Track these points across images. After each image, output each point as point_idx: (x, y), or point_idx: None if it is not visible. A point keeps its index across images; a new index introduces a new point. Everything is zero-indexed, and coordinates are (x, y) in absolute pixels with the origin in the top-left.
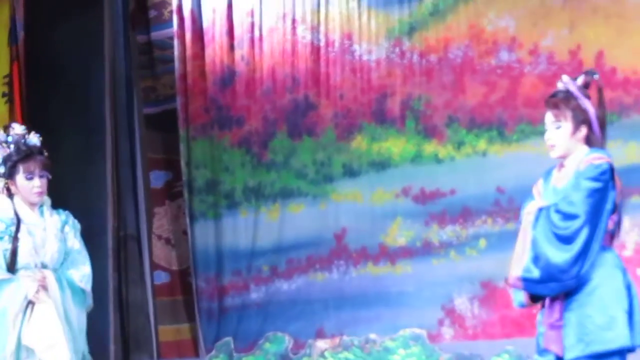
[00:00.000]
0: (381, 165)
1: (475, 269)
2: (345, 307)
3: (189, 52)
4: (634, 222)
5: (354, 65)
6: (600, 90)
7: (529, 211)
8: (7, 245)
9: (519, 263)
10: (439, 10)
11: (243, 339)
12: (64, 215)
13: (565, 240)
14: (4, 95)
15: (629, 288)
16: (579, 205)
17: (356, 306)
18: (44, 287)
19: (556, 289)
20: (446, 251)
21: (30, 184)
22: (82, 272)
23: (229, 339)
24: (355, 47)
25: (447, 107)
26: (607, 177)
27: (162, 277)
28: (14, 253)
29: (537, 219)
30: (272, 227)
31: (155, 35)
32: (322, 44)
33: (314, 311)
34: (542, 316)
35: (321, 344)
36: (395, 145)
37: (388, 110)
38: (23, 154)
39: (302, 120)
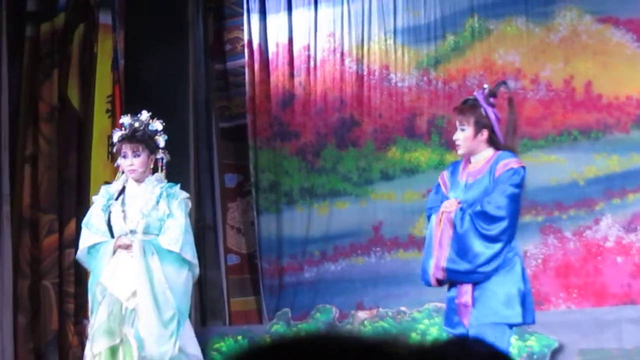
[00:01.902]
0: (411, 171)
1: None
2: (380, 285)
3: (257, 78)
4: (616, 219)
5: (390, 91)
6: (510, 100)
7: (447, 209)
8: (107, 215)
9: (439, 254)
10: (459, 47)
11: (298, 310)
12: (164, 187)
13: (492, 239)
14: (107, 111)
15: (523, 272)
16: (505, 209)
17: (389, 284)
18: (129, 247)
19: (478, 278)
20: None
21: (124, 162)
22: (170, 236)
23: (287, 309)
24: (392, 76)
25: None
26: (523, 182)
27: (233, 259)
28: (108, 221)
29: (462, 218)
30: (322, 220)
31: (230, 64)
32: (365, 73)
33: (355, 288)
34: (455, 294)
35: (361, 314)
36: (422, 155)
37: (417, 127)
38: (123, 136)
39: (347, 134)
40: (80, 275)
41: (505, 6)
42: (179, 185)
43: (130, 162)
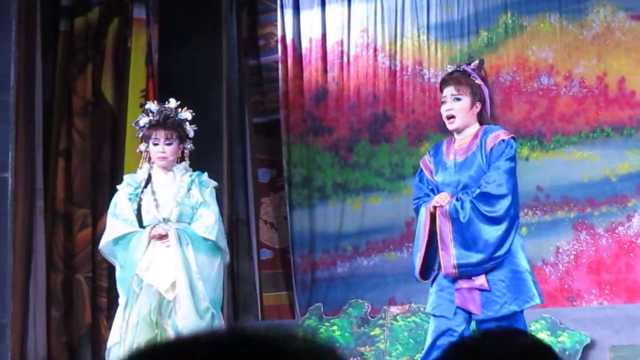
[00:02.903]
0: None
1: None
2: (412, 280)
3: (290, 74)
4: None
5: (423, 87)
6: (485, 78)
7: (439, 203)
8: (135, 205)
9: (444, 253)
10: (492, 43)
11: (330, 305)
12: (194, 175)
13: (498, 220)
14: (141, 105)
15: (523, 249)
16: (505, 185)
17: None
18: (165, 236)
19: (494, 265)
20: None
21: (155, 149)
22: (205, 224)
23: (319, 304)
24: (425, 71)
25: (497, 121)
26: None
27: (266, 254)
28: (139, 210)
29: (462, 207)
30: (355, 215)
31: (264, 59)
32: (398, 68)
33: (388, 283)
34: (438, 283)
35: (393, 309)
36: None
37: None
38: (154, 122)
39: (380, 129)
40: (113, 270)
41: (539, 3)
42: (206, 174)
43: (162, 149)
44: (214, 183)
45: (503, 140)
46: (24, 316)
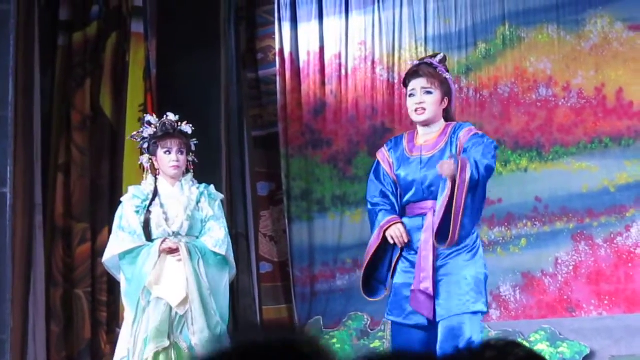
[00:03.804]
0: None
1: (518, 263)
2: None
3: (288, 87)
4: None
5: None
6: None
7: (394, 239)
8: (142, 217)
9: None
10: (490, 55)
11: (330, 318)
12: (202, 187)
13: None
14: (139, 120)
15: (483, 257)
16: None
17: None
18: (175, 250)
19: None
20: (494, 248)
21: (168, 158)
22: (215, 238)
23: (319, 317)
24: None
25: (496, 132)
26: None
27: (266, 267)
28: (146, 224)
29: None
30: (355, 228)
31: (262, 73)
32: (396, 81)
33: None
34: (404, 280)
35: None
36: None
37: None
38: (163, 132)
39: (379, 142)
40: (113, 284)
41: (537, 14)
42: (213, 186)
43: (176, 157)
44: (221, 196)
45: (477, 133)
46: (24, 331)
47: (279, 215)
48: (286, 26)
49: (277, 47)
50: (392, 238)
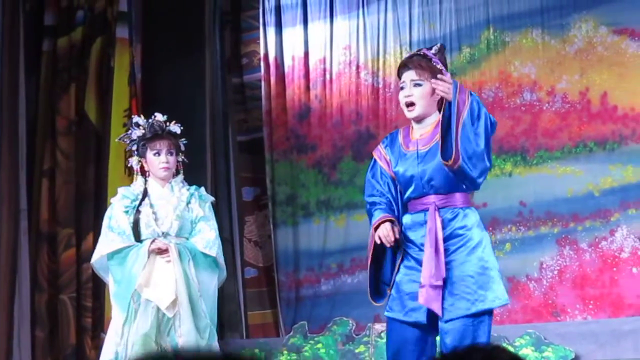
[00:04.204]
0: None
1: (502, 267)
2: None
3: (273, 92)
4: (631, 230)
5: None
6: (445, 64)
7: (381, 239)
8: (131, 218)
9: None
10: (475, 59)
11: (315, 322)
12: (193, 189)
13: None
14: (124, 125)
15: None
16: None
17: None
18: (165, 251)
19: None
20: None
21: (158, 160)
22: (205, 239)
23: (304, 322)
24: None
25: None
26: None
27: (251, 272)
28: (136, 224)
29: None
30: (339, 233)
31: (247, 78)
32: (381, 85)
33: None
34: (407, 276)
35: (378, 326)
36: None
37: None
38: (152, 133)
39: (364, 147)
40: (98, 289)
41: (521, 18)
42: (203, 188)
43: (165, 159)
44: (212, 198)
45: None
46: (9, 336)
47: (264, 220)
48: (271, 31)
49: (262, 52)
50: (379, 238)
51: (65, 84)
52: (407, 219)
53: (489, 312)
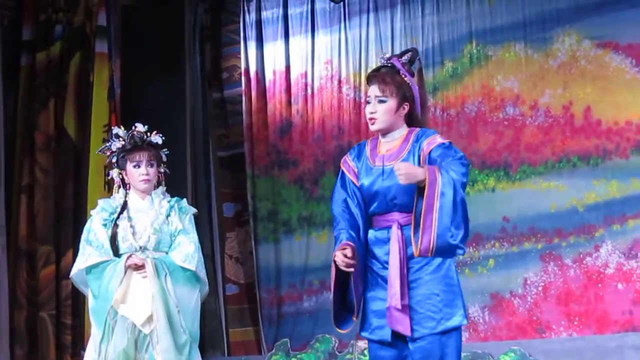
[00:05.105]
0: None
1: (486, 284)
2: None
3: (254, 106)
4: (616, 246)
5: None
6: (420, 71)
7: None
8: (110, 231)
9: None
10: (457, 74)
11: (297, 340)
12: (173, 201)
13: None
14: (104, 140)
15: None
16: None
17: None
18: (141, 267)
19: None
20: (462, 269)
21: (137, 172)
22: (184, 253)
23: (286, 339)
24: None
25: (463, 151)
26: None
27: (232, 289)
28: (114, 238)
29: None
30: (322, 249)
31: (227, 93)
32: (363, 100)
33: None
34: (375, 295)
35: (361, 344)
36: None
37: None
38: (131, 145)
39: None
40: (78, 307)
41: (504, 32)
42: (185, 200)
43: (145, 171)
44: (193, 210)
45: (443, 143)
46: None
47: (245, 237)
48: (252, 45)
49: (243, 66)
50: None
51: (44, 99)
52: (371, 234)
53: (457, 329)
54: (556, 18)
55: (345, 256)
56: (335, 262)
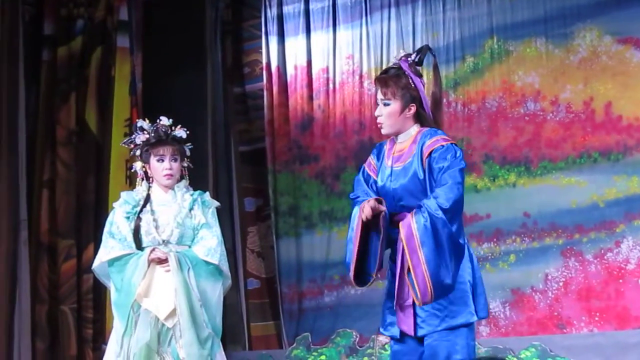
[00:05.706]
0: None
1: (506, 279)
2: None
3: (275, 101)
4: (637, 241)
5: None
6: (436, 67)
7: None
8: (132, 224)
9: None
10: (478, 69)
11: (318, 334)
12: (196, 194)
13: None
14: (125, 135)
15: (471, 260)
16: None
17: None
18: (164, 260)
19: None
20: (482, 264)
21: (161, 166)
22: (207, 246)
23: (307, 334)
24: None
25: (484, 147)
26: (462, 155)
27: (253, 284)
28: (136, 231)
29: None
30: (342, 244)
31: (249, 87)
32: None
33: (376, 312)
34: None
35: (382, 338)
36: None
37: None
38: (156, 139)
39: (367, 157)
40: (99, 301)
41: (525, 27)
42: (208, 193)
43: (169, 165)
44: (216, 203)
45: (441, 146)
46: (9, 348)
47: (266, 231)
48: (273, 40)
49: (264, 61)
50: (365, 215)
51: (65, 93)
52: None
53: (467, 326)
54: (577, 13)
55: (377, 202)
56: (360, 215)
